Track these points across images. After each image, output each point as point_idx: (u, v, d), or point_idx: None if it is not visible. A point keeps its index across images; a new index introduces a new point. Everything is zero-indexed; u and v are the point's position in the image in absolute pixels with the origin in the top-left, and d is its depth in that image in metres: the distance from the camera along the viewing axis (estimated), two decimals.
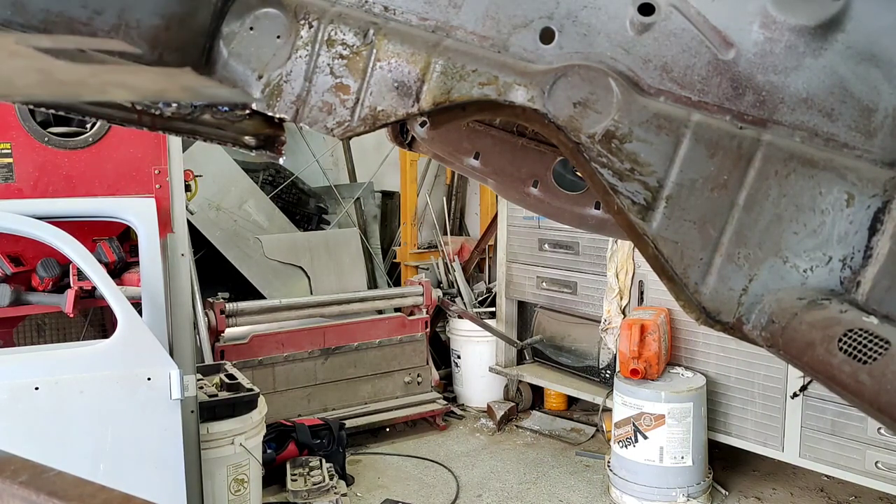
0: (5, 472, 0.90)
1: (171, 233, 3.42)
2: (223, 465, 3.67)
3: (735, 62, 1.10)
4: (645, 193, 1.12)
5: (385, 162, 7.51)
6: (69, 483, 0.89)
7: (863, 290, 1.05)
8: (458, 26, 1.21)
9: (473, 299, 6.59)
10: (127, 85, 1.12)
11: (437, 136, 1.76)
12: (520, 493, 4.76)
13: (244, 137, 1.30)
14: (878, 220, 1.06)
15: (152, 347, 2.90)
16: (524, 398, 6.11)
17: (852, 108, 1.07)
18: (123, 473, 2.85)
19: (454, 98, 1.18)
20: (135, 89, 1.14)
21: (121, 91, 1.14)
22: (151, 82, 1.15)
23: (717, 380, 4.60)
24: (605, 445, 5.32)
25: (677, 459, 4.37)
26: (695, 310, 1.13)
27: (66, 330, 4.33)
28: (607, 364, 5.42)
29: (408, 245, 7.09)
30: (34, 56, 1.02)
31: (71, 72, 1.05)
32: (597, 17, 1.15)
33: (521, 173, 1.75)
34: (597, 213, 1.66)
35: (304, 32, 1.24)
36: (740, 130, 1.10)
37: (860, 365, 0.92)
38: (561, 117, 1.14)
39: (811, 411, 4.18)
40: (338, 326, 5.61)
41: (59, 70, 1.03)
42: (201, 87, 1.21)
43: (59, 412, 2.76)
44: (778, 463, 4.61)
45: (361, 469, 5.09)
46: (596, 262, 5.36)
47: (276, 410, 4.86)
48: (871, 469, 3.97)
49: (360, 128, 1.23)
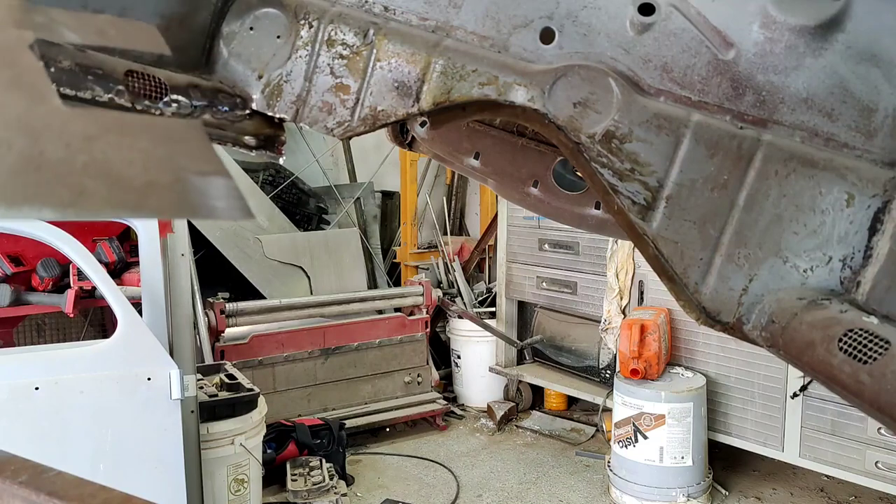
0: (5, 472, 0.90)
1: (171, 233, 3.42)
2: (223, 465, 3.67)
3: (735, 62, 1.10)
4: (645, 193, 1.12)
5: (385, 162, 7.51)
6: (69, 483, 0.89)
7: (863, 290, 1.05)
8: (459, 26, 1.21)
9: (473, 299, 6.59)
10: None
11: (437, 136, 1.76)
12: (520, 493, 4.76)
13: (244, 137, 1.30)
14: (878, 220, 1.06)
15: (152, 347, 2.90)
16: (524, 398, 6.11)
17: (852, 108, 1.07)
18: (123, 473, 2.85)
19: (454, 98, 1.18)
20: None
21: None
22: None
23: (717, 380, 4.60)
24: (605, 445, 5.32)
25: (677, 459, 4.37)
26: (695, 310, 1.13)
27: (66, 330, 4.33)
28: (607, 364, 5.42)
29: (408, 245, 7.09)
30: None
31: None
32: (597, 17, 1.15)
33: (521, 173, 1.75)
34: (597, 213, 1.66)
35: (304, 32, 1.24)
36: (740, 130, 1.10)
37: (860, 365, 0.92)
38: (561, 117, 1.14)
39: (811, 411, 4.18)
40: (338, 326, 5.61)
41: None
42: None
43: (58, 412, 2.76)
44: (778, 463, 4.61)
45: (361, 469, 5.09)
46: (596, 262, 5.36)
47: (276, 410, 4.85)
48: (871, 469, 3.97)
49: (361, 128, 1.23)
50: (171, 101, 1.15)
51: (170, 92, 1.14)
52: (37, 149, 0.55)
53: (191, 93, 1.18)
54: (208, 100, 1.22)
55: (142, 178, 0.59)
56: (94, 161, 0.57)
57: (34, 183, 0.52)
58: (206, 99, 1.21)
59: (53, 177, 0.54)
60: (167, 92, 1.13)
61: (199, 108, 1.24)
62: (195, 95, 1.19)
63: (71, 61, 1.04)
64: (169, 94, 1.14)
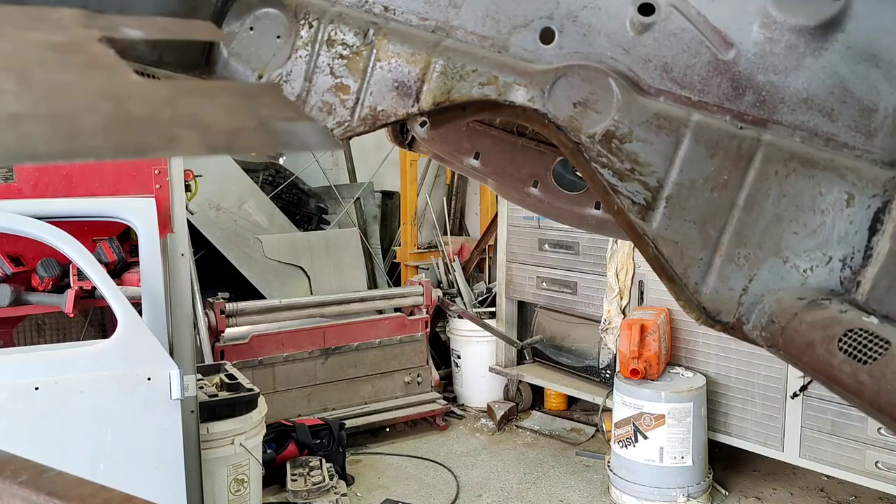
0: (5, 472, 0.90)
1: (171, 233, 3.42)
2: (223, 465, 3.67)
3: (735, 62, 1.10)
4: (645, 193, 1.12)
5: (385, 162, 7.51)
6: (69, 483, 0.89)
7: (863, 290, 1.05)
8: (459, 26, 1.21)
9: (473, 299, 6.59)
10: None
11: (437, 136, 1.76)
12: (520, 493, 4.76)
13: None
14: (878, 220, 1.06)
15: (152, 347, 2.90)
16: (524, 398, 6.11)
17: (852, 108, 1.07)
18: (123, 473, 2.85)
19: (454, 98, 1.18)
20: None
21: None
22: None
23: (717, 380, 4.60)
24: (605, 445, 5.32)
25: (677, 459, 4.37)
26: (695, 310, 1.13)
27: (66, 330, 4.33)
28: (607, 364, 5.42)
29: (408, 245, 7.09)
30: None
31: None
32: (597, 17, 1.15)
33: (521, 173, 1.75)
34: (597, 213, 1.66)
35: (304, 32, 1.24)
36: (740, 130, 1.10)
37: (860, 365, 0.92)
38: (561, 117, 1.14)
39: (811, 411, 4.18)
40: (338, 326, 5.61)
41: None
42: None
43: (58, 412, 2.76)
44: (778, 463, 4.61)
45: (361, 469, 5.09)
46: (596, 262, 5.36)
47: (276, 410, 4.86)
48: (871, 469, 3.97)
49: (360, 128, 1.23)
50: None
51: None
52: (123, 109, 0.58)
53: None
54: None
55: (228, 124, 0.63)
56: (179, 115, 0.60)
57: (127, 133, 0.56)
58: None
59: (144, 128, 0.57)
60: None
61: None
62: None
63: None
64: None
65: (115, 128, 0.56)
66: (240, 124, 0.64)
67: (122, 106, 0.58)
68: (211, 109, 0.64)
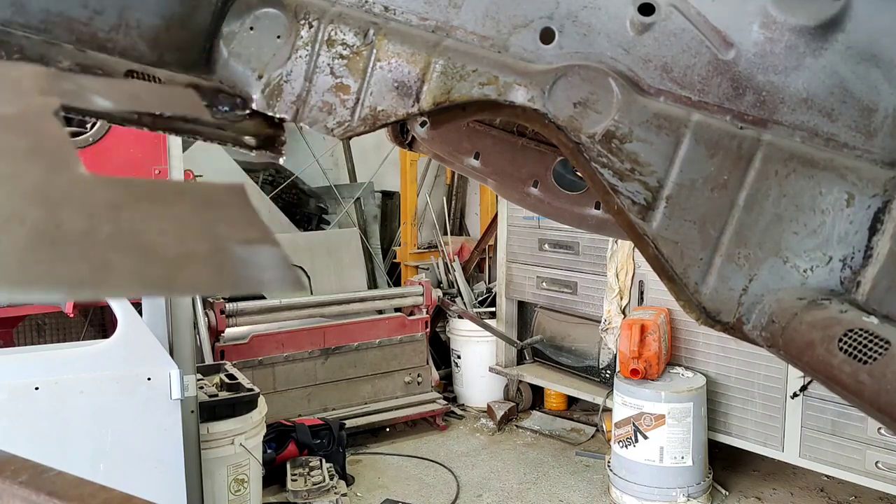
0: (5, 472, 0.90)
1: None
2: (223, 465, 3.67)
3: (735, 62, 1.10)
4: (645, 193, 1.12)
5: (385, 162, 7.51)
6: (69, 483, 0.89)
7: (863, 290, 1.05)
8: (459, 26, 1.21)
9: (473, 299, 6.59)
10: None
11: (437, 136, 1.76)
12: (520, 493, 4.76)
13: (244, 137, 1.30)
14: (878, 220, 1.06)
15: (152, 347, 2.90)
16: (524, 398, 6.11)
17: (852, 108, 1.07)
18: (123, 473, 2.85)
19: (454, 98, 1.18)
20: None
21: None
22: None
23: (717, 380, 4.60)
24: (605, 445, 5.32)
25: (677, 459, 4.37)
26: (695, 310, 1.13)
27: (66, 330, 4.33)
28: (607, 364, 5.42)
29: (408, 245, 7.09)
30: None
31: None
32: (597, 17, 1.15)
33: (521, 173, 1.75)
34: (597, 213, 1.66)
35: (305, 32, 1.24)
36: (740, 130, 1.10)
37: (860, 365, 0.92)
38: (561, 117, 1.14)
39: (811, 411, 4.18)
40: (338, 326, 5.61)
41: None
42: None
43: (59, 412, 2.76)
44: (778, 463, 4.61)
45: (361, 469, 5.09)
46: (596, 262, 5.36)
47: (276, 410, 4.85)
48: (871, 469, 3.97)
49: (361, 128, 1.23)
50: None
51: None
52: (53, 221, 0.49)
53: None
54: (208, 100, 1.22)
55: (175, 249, 0.52)
56: (120, 231, 0.51)
57: (48, 259, 0.46)
58: (206, 99, 1.21)
59: (72, 251, 0.47)
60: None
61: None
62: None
63: (71, 61, 1.05)
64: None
65: (35, 251, 0.46)
66: (189, 248, 0.53)
67: (54, 215, 0.48)
68: (161, 223, 0.53)
